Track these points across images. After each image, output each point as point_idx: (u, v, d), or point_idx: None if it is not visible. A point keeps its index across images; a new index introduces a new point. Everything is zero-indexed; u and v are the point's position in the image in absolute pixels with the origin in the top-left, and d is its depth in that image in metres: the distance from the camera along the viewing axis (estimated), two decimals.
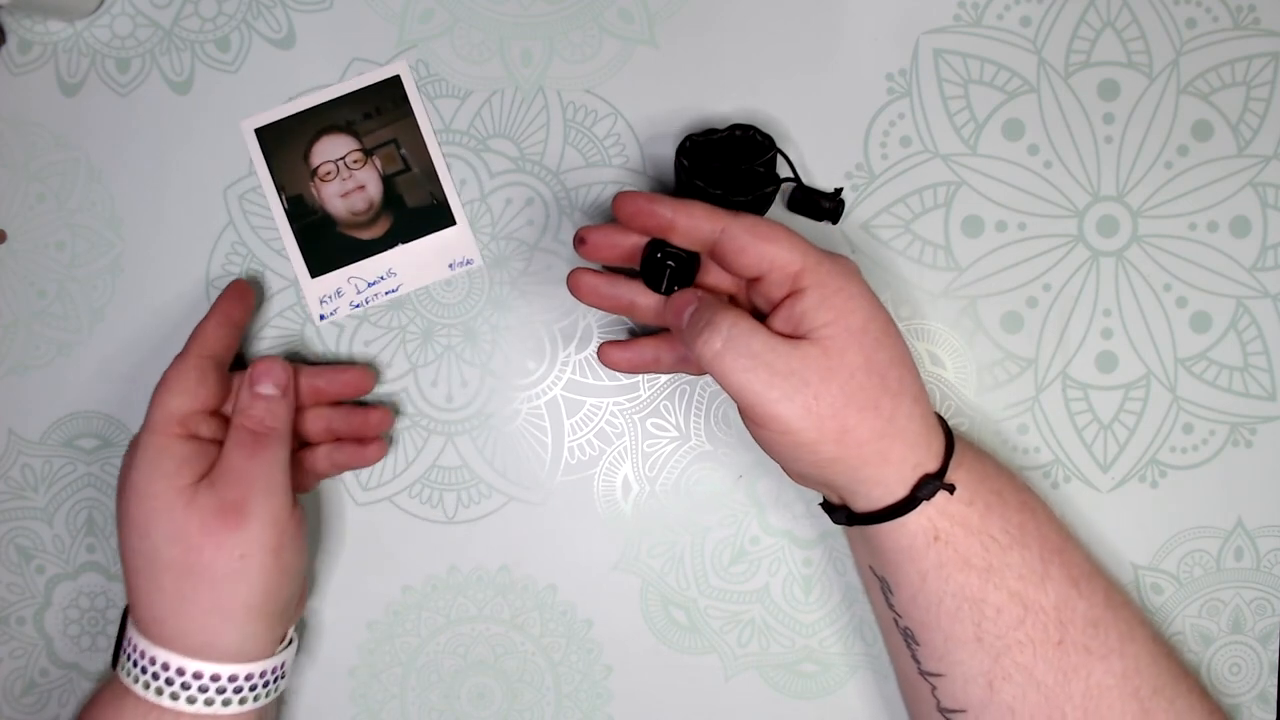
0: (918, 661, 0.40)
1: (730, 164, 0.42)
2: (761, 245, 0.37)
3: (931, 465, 0.38)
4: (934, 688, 0.40)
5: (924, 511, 0.38)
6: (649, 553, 0.47)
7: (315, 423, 0.45)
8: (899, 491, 0.38)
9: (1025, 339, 0.46)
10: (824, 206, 0.44)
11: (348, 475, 0.47)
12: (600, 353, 0.43)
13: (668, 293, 0.40)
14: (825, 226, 0.46)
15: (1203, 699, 0.40)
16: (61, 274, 0.47)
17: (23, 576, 0.48)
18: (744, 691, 0.47)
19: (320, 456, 0.45)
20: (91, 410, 0.47)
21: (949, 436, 0.39)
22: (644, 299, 0.42)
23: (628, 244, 0.41)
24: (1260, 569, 0.46)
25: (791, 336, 0.37)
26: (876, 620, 0.43)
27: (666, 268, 0.39)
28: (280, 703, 0.47)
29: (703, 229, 0.38)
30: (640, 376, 0.47)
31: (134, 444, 0.41)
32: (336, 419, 0.45)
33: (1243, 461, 0.46)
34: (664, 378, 0.47)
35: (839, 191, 0.44)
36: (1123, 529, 0.46)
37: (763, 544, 0.47)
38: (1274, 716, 0.46)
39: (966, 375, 0.46)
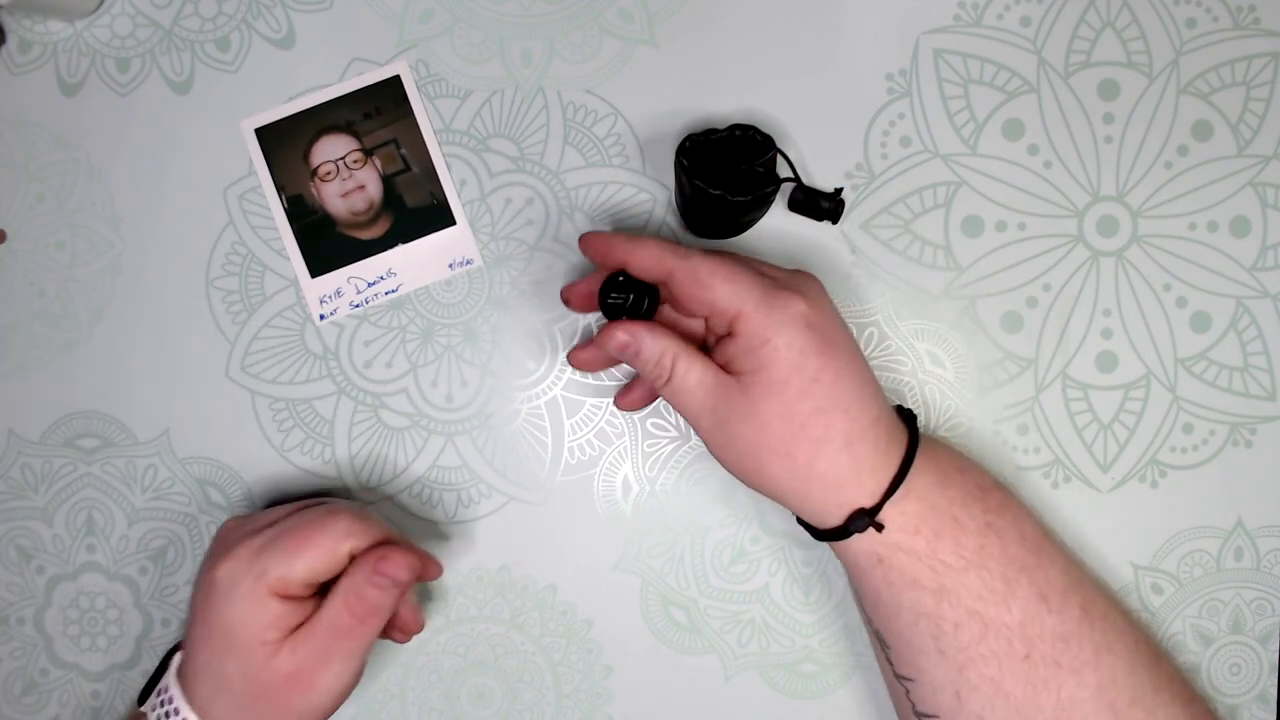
0: (891, 664, 0.41)
1: (730, 164, 0.42)
2: (702, 292, 0.38)
3: (866, 501, 0.38)
4: (907, 691, 0.40)
5: (863, 539, 0.39)
6: (649, 553, 0.47)
7: None
8: (833, 521, 0.39)
9: (1025, 339, 0.46)
10: (824, 206, 0.44)
11: (347, 475, 0.47)
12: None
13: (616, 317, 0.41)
14: (825, 226, 0.46)
15: (1186, 706, 0.40)
16: (61, 274, 0.47)
17: (23, 576, 0.48)
18: (744, 691, 0.47)
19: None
20: (91, 410, 0.47)
21: (906, 464, 0.39)
22: None
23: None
24: (1260, 569, 0.46)
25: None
26: None
27: (613, 305, 0.40)
28: None
29: (653, 270, 0.39)
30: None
31: (226, 563, 0.39)
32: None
33: (1243, 461, 0.46)
34: None
35: (839, 191, 0.44)
36: (1123, 529, 0.46)
37: (763, 544, 0.47)
38: (1274, 716, 0.46)
39: (966, 375, 0.46)
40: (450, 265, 0.47)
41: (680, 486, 0.47)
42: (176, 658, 0.41)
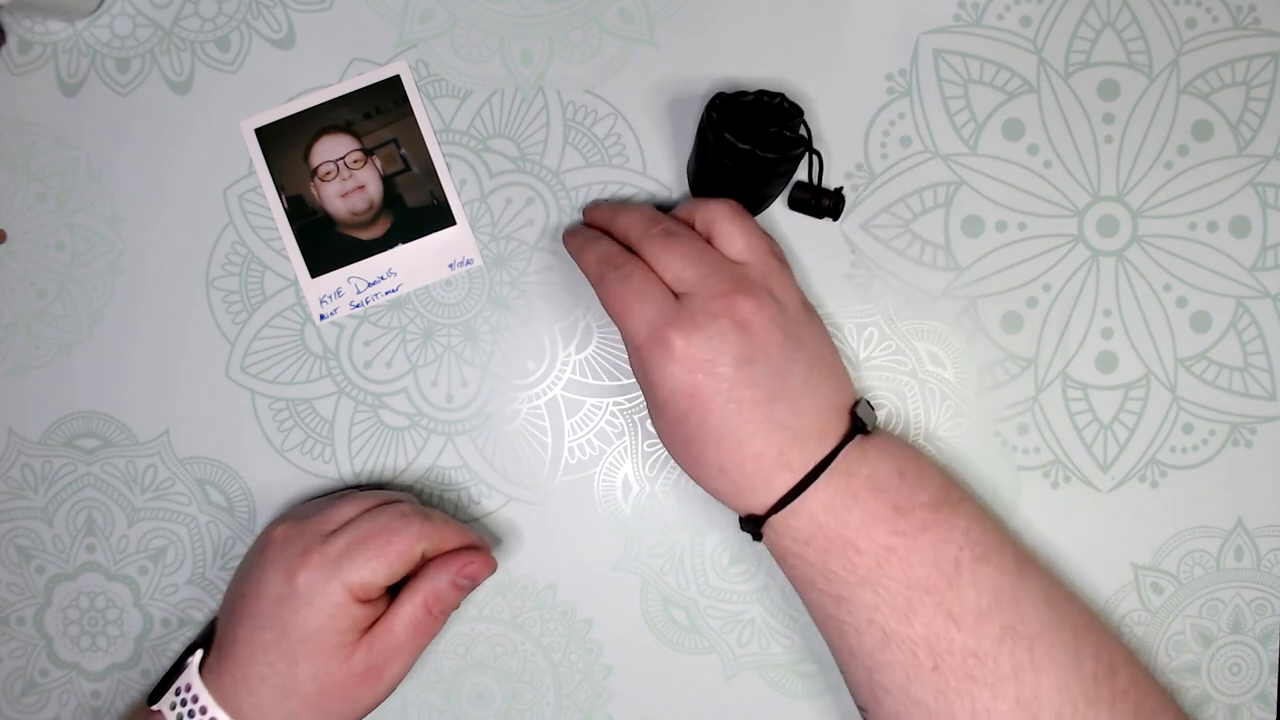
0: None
1: (755, 129, 0.41)
2: (614, 310, 0.40)
3: (759, 508, 0.39)
4: (845, 679, 0.41)
5: (766, 536, 0.40)
6: (649, 553, 0.47)
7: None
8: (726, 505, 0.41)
9: (1025, 339, 0.46)
10: (824, 205, 0.44)
11: (347, 475, 0.47)
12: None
13: None
14: (825, 226, 0.46)
15: None
16: (61, 274, 0.47)
17: (23, 576, 0.48)
18: (744, 691, 0.47)
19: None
20: (91, 410, 0.47)
21: (803, 484, 0.38)
22: None
23: None
24: (1260, 569, 0.46)
25: None
26: None
27: None
28: None
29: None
30: None
31: (305, 573, 0.40)
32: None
33: (1243, 461, 0.46)
34: None
35: (839, 190, 0.44)
36: (1123, 529, 0.46)
37: (762, 544, 0.47)
38: (1274, 716, 0.46)
39: (966, 375, 0.46)
40: (450, 265, 0.47)
41: (680, 486, 0.47)
42: (196, 656, 0.42)
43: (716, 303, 0.38)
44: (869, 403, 0.42)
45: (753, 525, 0.40)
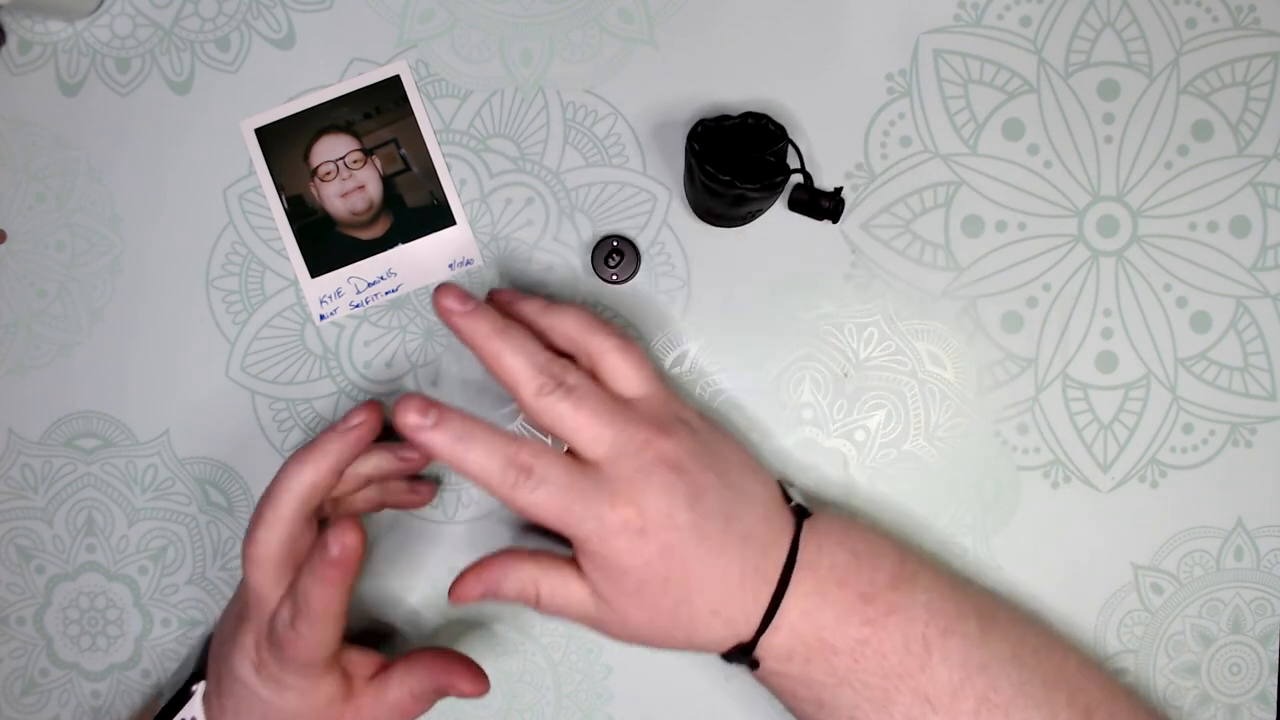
0: None
1: (741, 151, 0.42)
2: (546, 523, 0.37)
3: (748, 632, 0.38)
4: None
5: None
6: None
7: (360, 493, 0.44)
8: (717, 651, 0.40)
9: (1025, 339, 0.46)
10: (824, 206, 0.44)
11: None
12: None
13: None
14: (825, 226, 0.46)
15: None
16: (61, 274, 0.47)
17: (23, 576, 0.48)
18: (744, 691, 0.47)
19: (359, 499, 0.44)
20: (91, 410, 0.47)
21: (775, 602, 0.38)
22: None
23: None
24: (1260, 569, 0.46)
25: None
26: None
27: None
28: None
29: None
30: None
31: (263, 672, 0.39)
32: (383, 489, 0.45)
33: (1243, 461, 0.46)
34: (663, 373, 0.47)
35: (839, 191, 0.44)
36: (1123, 529, 0.46)
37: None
38: (1274, 716, 0.46)
39: (967, 375, 0.46)
40: (450, 265, 0.47)
41: None
42: (200, 687, 0.41)
43: (644, 455, 0.37)
44: (786, 482, 0.42)
45: (743, 654, 0.39)
